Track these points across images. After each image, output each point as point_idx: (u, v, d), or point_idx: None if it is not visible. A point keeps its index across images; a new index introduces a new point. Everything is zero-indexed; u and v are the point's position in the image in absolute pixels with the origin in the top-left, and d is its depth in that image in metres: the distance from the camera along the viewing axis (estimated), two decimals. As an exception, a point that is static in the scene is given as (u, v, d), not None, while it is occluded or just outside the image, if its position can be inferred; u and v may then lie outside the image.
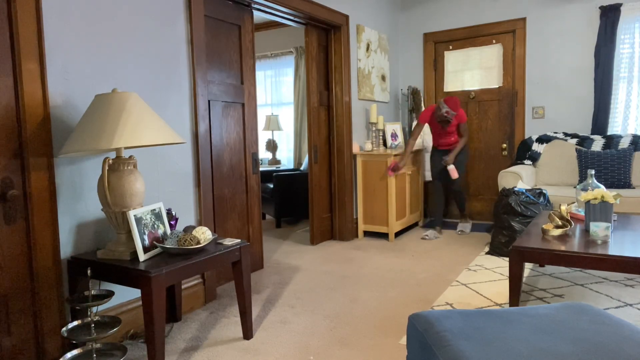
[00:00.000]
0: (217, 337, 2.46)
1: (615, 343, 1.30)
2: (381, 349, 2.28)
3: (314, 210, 4.34)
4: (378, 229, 4.51)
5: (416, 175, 4.93)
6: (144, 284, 1.91)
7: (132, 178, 2.08)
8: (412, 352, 1.53)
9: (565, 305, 1.61)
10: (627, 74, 4.39)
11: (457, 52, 5.29)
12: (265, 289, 3.19)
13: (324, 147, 4.47)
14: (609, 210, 2.63)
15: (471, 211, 5.36)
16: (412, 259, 3.83)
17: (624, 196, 3.76)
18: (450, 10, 5.24)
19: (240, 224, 3.44)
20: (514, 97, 4.98)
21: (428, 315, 1.54)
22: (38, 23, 1.99)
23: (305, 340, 2.40)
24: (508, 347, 1.29)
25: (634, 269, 2.18)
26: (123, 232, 2.12)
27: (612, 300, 2.81)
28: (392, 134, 5.04)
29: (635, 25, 4.34)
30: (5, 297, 1.93)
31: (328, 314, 2.73)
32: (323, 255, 4.01)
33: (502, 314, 1.53)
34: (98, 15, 2.28)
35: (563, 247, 2.40)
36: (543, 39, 4.78)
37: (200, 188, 2.88)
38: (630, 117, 4.44)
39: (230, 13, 3.28)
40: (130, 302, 2.46)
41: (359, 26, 4.61)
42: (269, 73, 6.76)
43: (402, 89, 5.61)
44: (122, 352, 2.01)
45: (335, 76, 4.41)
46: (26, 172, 1.97)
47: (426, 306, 2.80)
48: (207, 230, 2.26)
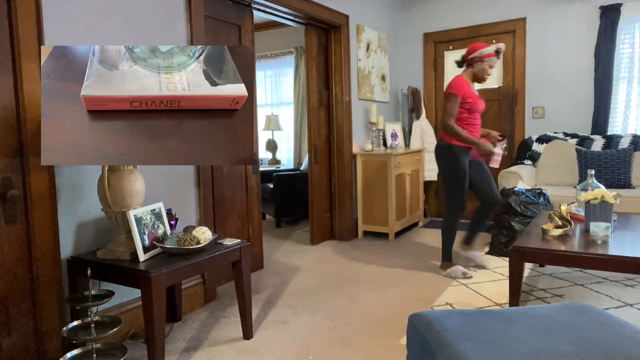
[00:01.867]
0: (217, 337, 2.46)
1: (615, 343, 1.30)
2: (381, 349, 2.28)
3: (314, 210, 4.34)
4: (378, 229, 4.51)
5: (416, 175, 4.93)
6: (144, 284, 1.91)
7: (132, 178, 2.08)
8: (412, 352, 1.53)
9: (565, 305, 1.61)
10: (627, 74, 4.39)
11: (457, 52, 5.29)
12: (265, 289, 3.19)
13: (324, 147, 4.47)
14: (609, 210, 2.63)
15: (471, 211, 5.35)
16: (412, 259, 3.83)
17: (624, 196, 3.76)
18: (450, 10, 5.24)
19: (240, 224, 3.44)
20: (514, 97, 4.98)
21: (428, 315, 1.54)
22: (38, 23, 1.99)
23: (305, 340, 2.40)
24: (508, 347, 1.29)
25: (634, 269, 2.18)
26: (123, 232, 2.12)
27: (612, 300, 2.81)
28: (392, 134, 5.04)
29: (635, 25, 4.34)
30: (5, 297, 1.93)
31: (328, 314, 2.73)
32: (323, 255, 4.01)
33: (502, 314, 1.53)
34: (98, 15, 2.28)
35: (563, 247, 2.40)
36: (543, 39, 4.78)
37: (200, 188, 2.88)
38: (630, 117, 4.44)
39: (230, 13, 3.28)
40: (130, 302, 2.46)
41: (359, 26, 4.61)
42: (269, 73, 6.76)
43: (402, 89, 5.61)
44: (122, 352, 2.01)
45: (335, 76, 4.41)
46: (26, 172, 1.96)
47: (426, 306, 2.80)
48: (207, 230, 2.26)
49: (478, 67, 3.29)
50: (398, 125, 5.21)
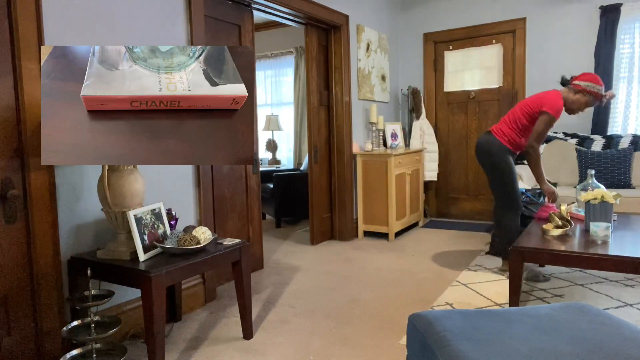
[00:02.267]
0: (217, 337, 2.46)
1: (615, 343, 1.30)
2: (381, 349, 2.28)
3: (314, 210, 4.34)
4: (378, 229, 4.51)
5: (416, 175, 4.93)
6: (144, 284, 1.91)
7: (132, 178, 2.08)
8: (412, 352, 1.53)
9: (565, 305, 1.61)
10: (627, 74, 4.39)
11: (457, 52, 5.29)
12: (265, 289, 3.19)
13: (324, 147, 4.47)
14: (609, 210, 2.63)
15: (471, 211, 5.36)
16: (412, 259, 3.83)
17: (624, 196, 3.76)
18: (450, 10, 5.24)
19: (240, 224, 3.44)
20: (514, 97, 4.98)
21: (428, 315, 1.54)
22: (38, 23, 1.99)
23: (305, 340, 2.40)
24: (508, 347, 1.29)
25: (634, 269, 2.18)
26: (123, 232, 2.12)
27: (612, 300, 2.81)
28: (392, 134, 5.05)
29: (635, 25, 4.34)
30: (5, 297, 1.93)
31: (328, 314, 2.73)
32: (323, 255, 4.01)
33: (502, 314, 1.53)
34: (98, 15, 2.28)
35: (563, 247, 2.40)
36: (543, 39, 4.78)
37: (200, 188, 2.88)
38: (630, 117, 4.44)
39: (230, 13, 3.28)
40: (130, 302, 2.46)
41: (359, 26, 4.61)
42: (269, 73, 6.76)
43: (402, 89, 5.61)
44: (122, 352, 2.01)
45: (335, 76, 4.41)
46: (26, 172, 1.97)
47: (426, 306, 2.80)
48: (207, 230, 2.26)
49: (580, 98, 3.03)
50: (398, 125, 5.21)
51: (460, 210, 5.43)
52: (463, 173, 5.37)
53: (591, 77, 3.02)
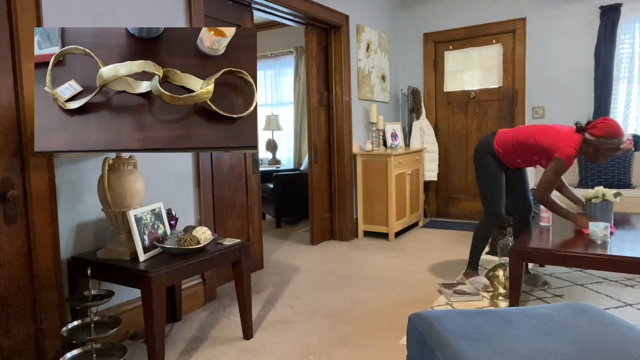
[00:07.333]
0: (217, 337, 2.46)
1: (615, 343, 1.30)
2: (381, 349, 2.28)
3: (314, 210, 4.34)
4: (378, 229, 4.51)
5: (416, 175, 4.93)
6: (144, 284, 1.91)
7: (132, 178, 2.08)
8: (412, 352, 1.53)
9: (565, 305, 1.61)
10: (627, 74, 4.39)
11: (457, 52, 5.29)
12: (265, 289, 3.19)
13: (324, 147, 4.47)
14: (610, 209, 2.63)
15: (471, 211, 5.36)
16: (412, 259, 3.83)
17: (624, 196, 3.76)
18: (450, 10, 5.24)
19: (240, 224, 3.44)
20: (514, 97, 4.98)
21: (428, 315, 1.54)
22: (38, 23, 1.99)
23: (305, 340, 2.40)
24: (508, 347, 1.29)
25: (634, 269, 2.18)
26: (123, 232, 2.12)
27: (612, 300, 2.81)
28: (392, 134, 5.05)
29: (635, 25, 4.34)
30: (5, 297, 1.93)
31: (328, 314, 2.73)
32: (323, 255, 4.01)
33: (502, 314, 1.53)
34: (98, 15, 2.28)
35: (563, 247, 2.40)
36: (543, 39, 4.78)
37: (200, 188, 2.88)
38: (630, 117, 4.43)
39: (230, 13, 3.28)
40: (130, 302, 2.46)
41: (359, 26, 4.61)
42: (269, 73, 6.76)
43: (402, 89, 5.61)
44: (122, 352, 2.01)
45: (335, 76, 4.41)
46: (26, 172, 1.97)
47: (426, 306, 2.80)
48: (207, 230, 2.26)
49: (598, 149, 2.64)
50: (398, 125, 5.21)
51: (460, 210, 5.43)
52: (463, 173, 5.37)
53: (607, 130, 2.58)
